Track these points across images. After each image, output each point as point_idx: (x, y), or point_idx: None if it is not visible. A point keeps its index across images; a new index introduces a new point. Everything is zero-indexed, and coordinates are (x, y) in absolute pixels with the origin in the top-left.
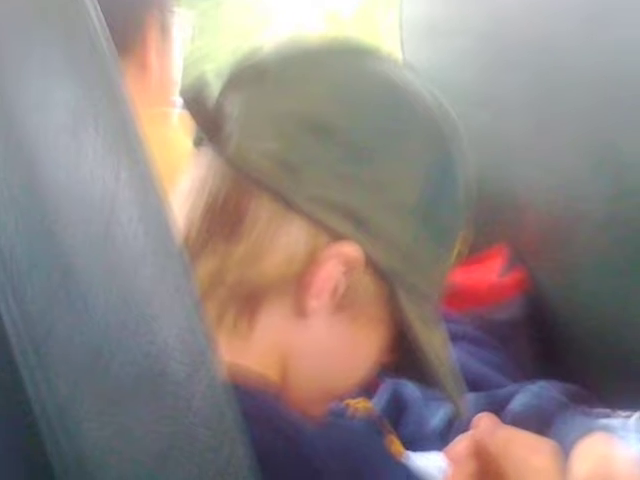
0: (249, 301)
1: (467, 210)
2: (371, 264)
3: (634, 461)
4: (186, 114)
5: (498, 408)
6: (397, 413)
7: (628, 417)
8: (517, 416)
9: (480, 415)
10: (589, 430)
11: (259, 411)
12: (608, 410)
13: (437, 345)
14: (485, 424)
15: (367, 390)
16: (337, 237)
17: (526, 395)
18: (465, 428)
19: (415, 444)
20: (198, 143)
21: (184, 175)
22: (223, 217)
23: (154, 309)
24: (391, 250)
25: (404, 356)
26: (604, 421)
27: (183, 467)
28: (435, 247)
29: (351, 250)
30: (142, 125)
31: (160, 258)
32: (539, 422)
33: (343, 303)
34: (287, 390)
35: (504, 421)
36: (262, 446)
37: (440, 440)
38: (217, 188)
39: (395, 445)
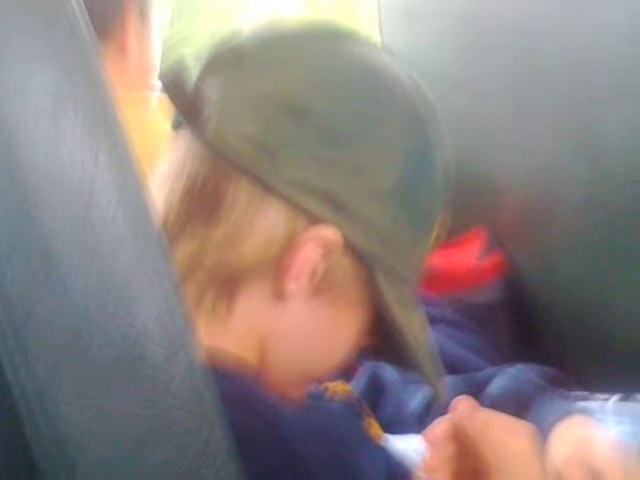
0: (228, 284)
1: (445, 193)
2: (349, 247)
3: (612, 443)
4: (165, 97)
5: (476, 391)
6: (375, 396)
7: (606, 400)
8: (495, 399)
9: (458, 398)
10: (567, 413)
11: (238, 394)
12: (586, 393)
13: (415, 328)
14: (463, 407)
15: (346, 373)
16: (315, 220)
17: (504, 378)
18: (443, 411)
19: (393, 427)
20: (177, 126)
21: (163, 158)
22: (202, 200)
23: (133, 292)
24: (369, 233)
25: (382, 339)
26: (582, 404)
27: (162, 449)
28: (413, 230)
29: (329, 233)
30: (121, 109)
31: (139, 241)
32: (517, 405)
33: (321, 286)
34: (266, 373)
35: (482, 404)
36: (241, 429)
37: (418, 423)
38: (196, 171)
39: (373, 428)
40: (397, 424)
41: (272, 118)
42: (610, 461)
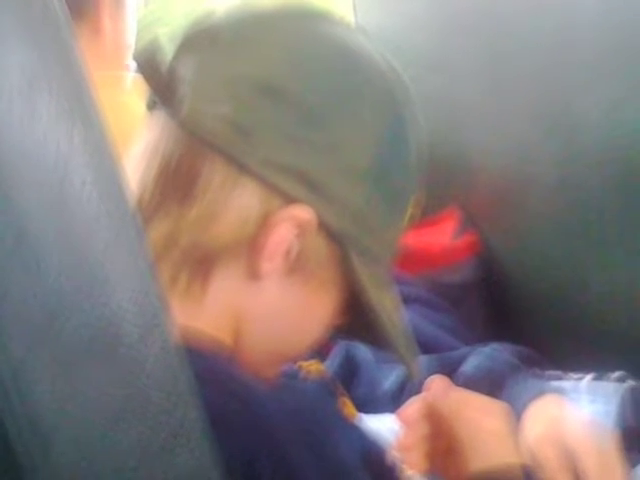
0: (202, 264)
1: (419, 173)
2: (324, 227)
3: (585, 423)
4: (139, 78)
5: (450, 370)
6: (350, 375)
7: (579, 379)
8: (469, 378)
9: (432, 377)
10: (541, 392)
11: (212, 373)
12: (559, 372)
13: (389, 307)
14: (437, 386)
15: (320, 352)
16: (290, 200)
17: (478, 357)
18: (417, 390)
19: (367, 406)
20: (151, 106)
21: (137, 138)
22: (176, 180)
23: (108, 272)
24: (344, 213)
25: (357, 318)
26: (555, 383)
27: (136, 429)
28: (387, 210)
29: (304, 213)
30: (96, 89)
31: (114, 221)
32: (491, 384)
33: (296, 266)
34: (240, 352)
35: (456, 383)
36: (215, 408)
37: (392, 402)
38: (170, 151)
39: (348, 407)
40: (371, 403)
41: (247, 98)
42: (583, 440)
